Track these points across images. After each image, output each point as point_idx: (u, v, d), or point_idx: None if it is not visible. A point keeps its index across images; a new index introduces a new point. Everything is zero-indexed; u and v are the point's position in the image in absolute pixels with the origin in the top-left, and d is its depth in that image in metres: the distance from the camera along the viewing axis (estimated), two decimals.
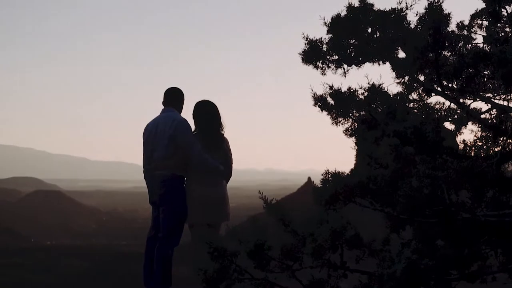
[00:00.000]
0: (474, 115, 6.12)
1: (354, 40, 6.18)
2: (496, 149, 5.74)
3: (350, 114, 6.09)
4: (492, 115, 6.26)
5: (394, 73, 6.30)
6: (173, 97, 7.03)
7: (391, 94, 6.07)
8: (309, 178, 74.53)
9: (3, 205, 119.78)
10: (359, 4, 6.22)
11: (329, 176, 5.30)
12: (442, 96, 6.01)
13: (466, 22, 6.80)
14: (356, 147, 6.22)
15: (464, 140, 5.79)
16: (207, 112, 6.94)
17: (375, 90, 5.84)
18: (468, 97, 6.05)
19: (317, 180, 5.52)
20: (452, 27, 5.85)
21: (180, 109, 7.02)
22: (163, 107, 7.00)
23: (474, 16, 6.79)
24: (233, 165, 7.05)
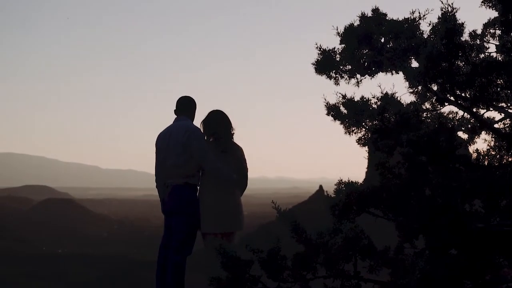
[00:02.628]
0: (487, 125, 6.11)
1: (367, 50, 6.17)
2: (509, 159, 5.72)
3: (363, 124, 6.09)
4: (506, 125, 6.24)
5: (407, 83, 6.29)
6: (186, 106, 7.04)
7: (404, 103, 6.06)
8: (320, 186, 74.54)
9: (15, 214, 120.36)
10: (372, 14, 6.22)
11: (343, 185, 5.29)
12: (455, 106, 6.00)
13: (479, 31, 6.79)
14: (369, 156, 6.22)
15: (477, 150, 5.78)
16: (218, 121, 6.94)
17: (388, 100, 5.84)
18: (482, 107, 6.03)
19: (328, 189, 5.52)
20: (465, 36, 5.83)
21: (192, 117, 7.04)
22: (175, 116, 7.01)
23: (487, 25, 6.78)
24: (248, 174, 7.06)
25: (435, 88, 5.97)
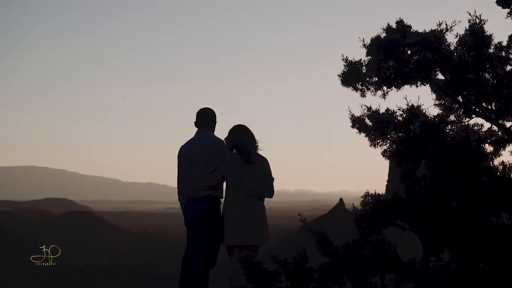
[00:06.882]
0: None
1: (393, 62, 6.12)
2: None
3: (388, 136, 6.05)
4: None
5: (433, 95, 6.25)
6: (206, 118, 7.01)
7: (430, 116, 6.02)
8: (341, 199, 74.52)
9: (35, 226, 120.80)
10: (397, 26, 6.18)
11: (369, 198, 5.27)
12: (481, 118, 5.96)
13: (504, 43, 6.74)
14: (392, 169, 6.19)
15: (503, 162, 5.73)
16: (241, 134, 6.93)
17: (414, 112, 5.81)
18: (508, 119, 5.98)
19: (348, 202, 5.51)
20: (491, 48, 5.79)
21: (213, 129, 7.02)
22: (196, 128, 7.00)
23: None
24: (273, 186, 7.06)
25: (461, 100, 5.94)
